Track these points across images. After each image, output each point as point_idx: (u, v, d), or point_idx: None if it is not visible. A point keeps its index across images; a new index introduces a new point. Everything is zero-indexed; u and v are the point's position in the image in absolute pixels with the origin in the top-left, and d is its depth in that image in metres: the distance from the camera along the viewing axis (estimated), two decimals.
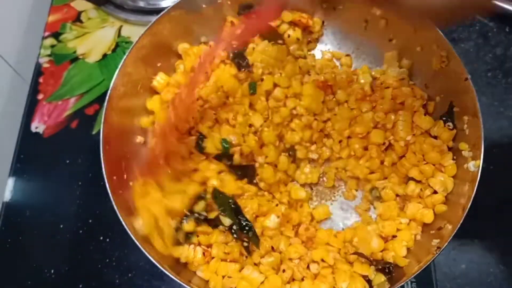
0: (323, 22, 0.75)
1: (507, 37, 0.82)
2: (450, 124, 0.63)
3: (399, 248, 0.59)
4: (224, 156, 0.65)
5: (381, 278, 0.58)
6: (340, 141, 0.67)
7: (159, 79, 0.69)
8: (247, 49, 0.69)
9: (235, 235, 0.60)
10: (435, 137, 0.64)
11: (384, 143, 0.66)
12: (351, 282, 0.57)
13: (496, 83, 0.79)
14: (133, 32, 0.84)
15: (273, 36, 0.70)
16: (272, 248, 0.61)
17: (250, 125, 0.66)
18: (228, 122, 0.65)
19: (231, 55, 0.67)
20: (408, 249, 0.60)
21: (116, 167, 0.61)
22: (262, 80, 0.68)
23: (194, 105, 0.65)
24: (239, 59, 0.67)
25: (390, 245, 0.60)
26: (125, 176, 0.63)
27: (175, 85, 0.69)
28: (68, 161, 0.74)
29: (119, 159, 0.63)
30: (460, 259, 0.67)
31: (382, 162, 0.66)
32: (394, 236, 0.61)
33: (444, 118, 0.64)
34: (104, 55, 0.83)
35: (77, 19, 0.86)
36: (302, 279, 0.59)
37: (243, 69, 0.67)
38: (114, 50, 0.83)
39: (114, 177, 0.60)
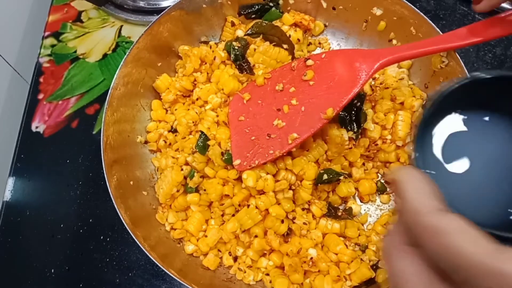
0: (325, 25, 0.75)
1: (507, 37, 0.82)
2: None
3: None
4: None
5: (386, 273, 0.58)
6: None
7: (161, 80, 0.69)
8: (248, 50, 0.69)
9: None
10: None
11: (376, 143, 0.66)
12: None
13: None
14: (133, 32, 0.84)
15: (280, 40, 0.69)
16: None
17: None
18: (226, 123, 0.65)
19: (232, 56, 0.67)
20: None
21: (116, 167, 0.61)
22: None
23: None
24: (240, 61, 0.67)
25: None
26: (125, 175, 0.63)
27: (179, 89, 0.69)
28: (68, 161, 0.74)
29: (120, 158, 0.63)
30: None
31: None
32: None
33: None
34: (105, 55, 0.83)
35: (77, 19, 0.86)
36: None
37: (244, 72, 0.67)
38: (114, 50, 0.83)
39: (114, 177, 0.60)
